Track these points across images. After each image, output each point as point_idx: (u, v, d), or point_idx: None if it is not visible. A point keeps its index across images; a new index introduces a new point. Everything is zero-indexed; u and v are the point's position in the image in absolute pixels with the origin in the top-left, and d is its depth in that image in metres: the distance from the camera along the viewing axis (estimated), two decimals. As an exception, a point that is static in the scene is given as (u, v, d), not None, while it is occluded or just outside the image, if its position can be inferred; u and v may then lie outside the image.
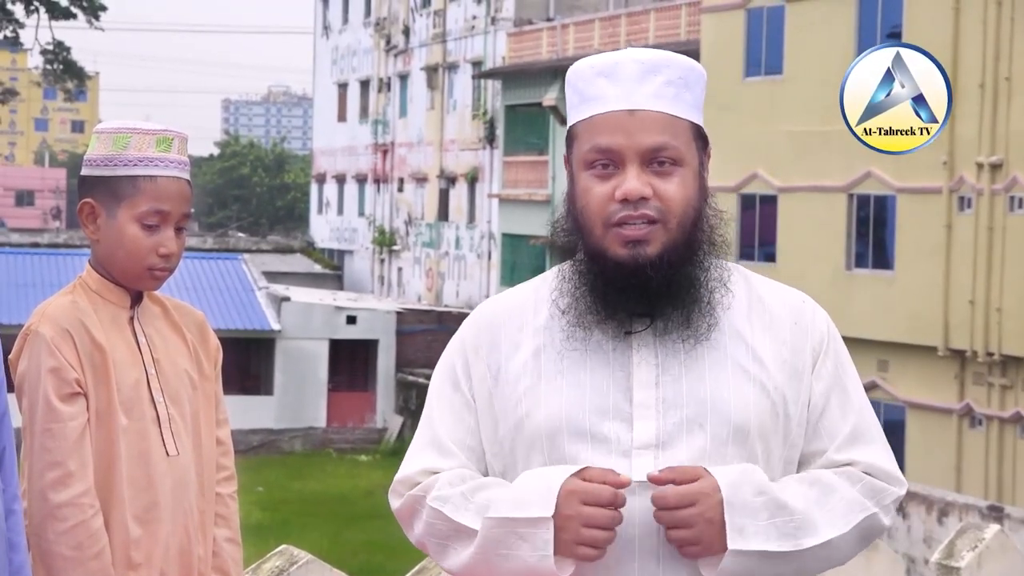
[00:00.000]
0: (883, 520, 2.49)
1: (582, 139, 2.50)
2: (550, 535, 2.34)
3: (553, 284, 2.54)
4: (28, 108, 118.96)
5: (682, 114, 2.51)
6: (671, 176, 2.45)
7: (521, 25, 40.59)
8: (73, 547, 2.95)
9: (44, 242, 50.40)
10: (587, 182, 2.47)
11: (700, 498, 2.35)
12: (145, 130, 3.13)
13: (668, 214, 2.44)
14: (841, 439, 2.51)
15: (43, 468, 2.97)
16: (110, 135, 3.13)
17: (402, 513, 2.54)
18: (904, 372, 24.01)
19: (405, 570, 4.07)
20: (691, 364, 2.46)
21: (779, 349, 2.51)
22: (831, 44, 24.87)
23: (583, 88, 2.53)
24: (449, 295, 44.38)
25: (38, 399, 3.00)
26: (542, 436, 2.45)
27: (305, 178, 72.62)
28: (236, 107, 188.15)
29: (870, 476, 2.49)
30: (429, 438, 2.55)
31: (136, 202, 3.10)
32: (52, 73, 41.04)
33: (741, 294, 2.54)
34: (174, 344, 3.21)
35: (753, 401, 2.46)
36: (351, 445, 35.12)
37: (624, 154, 2.44)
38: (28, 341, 3.05)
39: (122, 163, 3.11)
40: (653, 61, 2.52)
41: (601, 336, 2.47)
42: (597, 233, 2.44)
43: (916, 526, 20.40)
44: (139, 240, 3.11)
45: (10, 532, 2.58)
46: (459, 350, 2.58)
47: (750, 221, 26.86)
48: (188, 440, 3.16)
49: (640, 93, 2.48)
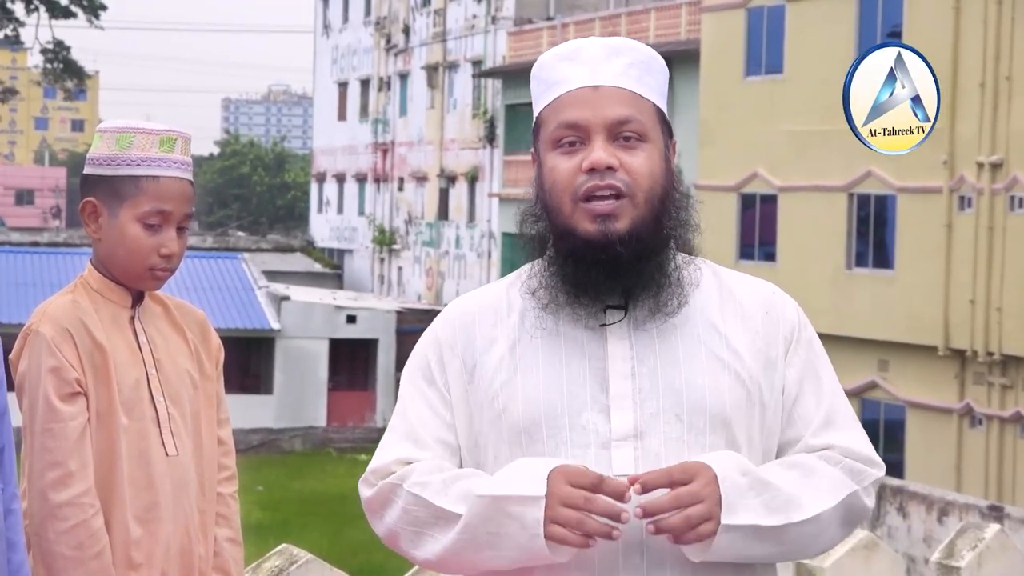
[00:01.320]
0: (865, 500, 2.50)
1: (548, 122, 2.51)
2: (541, 513, 2.33)
3: (525, 278, 2.55)
4: (28, 107, 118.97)
5: (646, 94, 2.52)
6: (636, 150, 2.47)
7: (521, 24, 40.61)
8: (74, 547, 2.95)
9: (44, 241, 50.37)
10: (554, 160, 2.48)
11: (703, 495, 2.35)
12: (148, 130, 3.13)
13: (635, 187, 2.44)
14: (816, 425, 2.52)
15: (43, 468, 2.97)
16: (113, 134, 3.13)
17: (373, 502, 2.52)
18: (904, 372, 24.01)
19: (405, 569, 4.07)
20: (666, 355, 2.47)
21: (752, 339, 2.52)
22: (831, 43, 24.87)
23: (547, 76, 2.55)
24: (449, 294, 44.38)
25: (38, 398, 2.99)
26: (520, 429, 2.45)
27: (305, 177, 72.64)
28: (236, 106, 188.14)
29: (848, 459, 2.50)
30: (403, 430, 2.54)
31: (138, 202, 3.10)
32: (52, 72, 41.06)
33: (712, 286, 2.55)
34: (175, 344, 3.21)
35: (728, 389, 2.47)
36: (351, 444, 35.12)
37: (590, 127, 2.46)
38: (28, 340, 3.05)
39: (125, 162, 3.11)
40: (615, 44, 2.54)
41: (576, 329, 2.48)
42: (566, 211, 2.45)
43: (916, 526, 20.40)
44: (141, 240, 3.10)
45: (9, 531, 2.59)
46: (433, 346, 2.58)
47: (750, 220, 26.86)
48: (188, 440, 3.16)
49: (604, 71, 2.50)
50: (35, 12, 39.71)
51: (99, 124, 3.25)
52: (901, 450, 23.70)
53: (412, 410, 2.55)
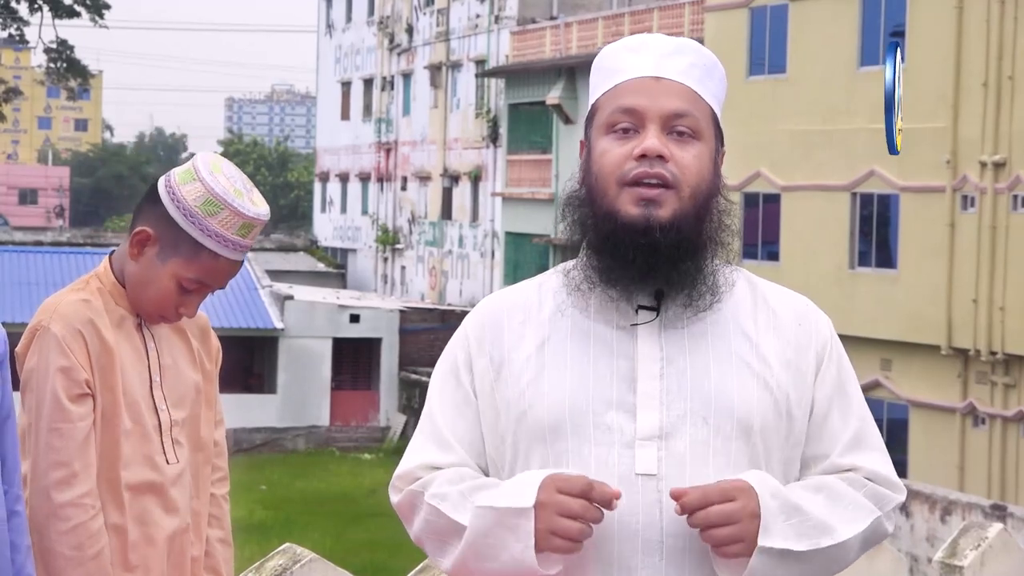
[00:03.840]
0: (886, 525, 2.51)
1: (604, 108, 2.52)
2: (531, 525, 2.34)
3: (557, 278, 2.55)
4: (32, 106, 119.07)
5: (704, 95, 2.53)
6: (689, 146, 2.47)
7: (524, 24, 40.60)
8: (74, 547, 2.96)
9: (47, 241, 50.42)
10: (606, 144, 2.48)
11: (742, 516, 2.35)
12: (237, 210, 3.09)
13: (682, 181, 2.44)
14: (843, 444, 2.52)
15: (48, 467, 2.96)
16: (205, 194, 3.08)
17: (402, 508, 2.54)
18: (907, 371, 24.01)
19: (408, 568, 4.08)
20: (696, 357, 2.47)
21: (783, 348, 2.52)
22: (834, 43, 24.87)
23: (609, 64, 2.56)
24: (452, 294, 44.39)
25: (46, 397, 2.98)
26: (544, 427, 2.45)
27: (308, 176, 72.66)
28: (240, 106, 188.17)
29: (872, 482, 2.50)
30: (429, 432, 2.56)
31: (190, 266, 3.09)
32: (56, 71, 41.03)
33: (746, 294, 2.56)
34: (179, 348, 3.21)
35: (757, 397, 2.46)
36: (354, 444, 35.14)
37: (646, 115, 2.46)
38: (38, 337, 3.02)
39: (200, 228, 3.08)
40: (681, 43, 2.56)
41: (606, 328, 2.48)
42: (611, 193, 2.45)
43: (919, 525, 20.40)
44: (170, 296, 3.11)
45: (12, 534, 2.58)
46: (462, 344, 2.59)
47: (753, 220, 26.85)
48: (187, 445, 3.17)
49: (667, 65, 2.51)
50: (39, 11, 39.70)
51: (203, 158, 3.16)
52: (904, 449, 23.70)
53: (439, 411, 2.56)
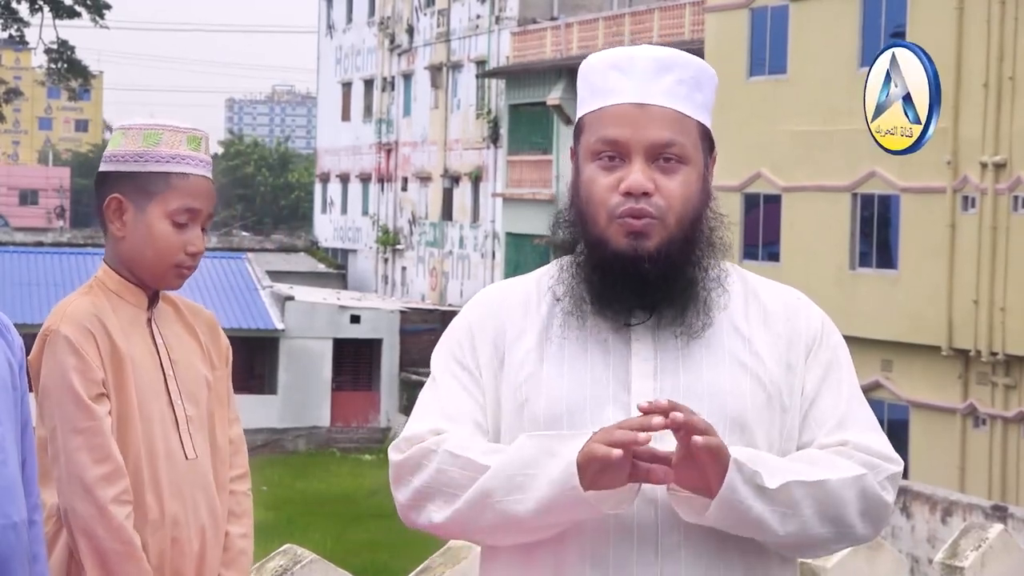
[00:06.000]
0: (881, 492, 2.46)
1: (590, 130, 2.52)
2: (582, 441, 2.33)
3: (554, 274, 2.57)
4: (32, 107, 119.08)
5: (692, 113, 2.52)
6: (675, 173, 2.48)
7: (525, 24, 40.59)
8: (125, 542, 2.96)
9: (48, 241, 50.44)
10: (592, 172, 2.50)
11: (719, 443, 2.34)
12: (176, 128, 3.12)
13: (668, 212, 2.46)
14: (830, 425, 2.52)
15: (88, 465, 2.94)
16: (140, 131, 3.11)
17: (403, 467, 2.50)
18: (908, 372, 24.01)
19: (409, 569, 4.08)
20: (688, 358, 2.49)
21: (775, 342, 2.54)
22: (835, 44, 24.87)
23: (594, 80, 2.55)
24: (453, 294, 44.39)
25: (66, 399, 2.96)
26: (540, 422, 2.47)
27: (309, 177, 72.66)
28: (240, 106, 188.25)
29: (862, 453, 2.48)
30: (437, 407, 2.55)
31: (168, 199, 3.08)
32: (56, 72, 41.02)
33: (738, 291, 2.58)
34: (189, 345, 3.20)
35: (749, 392, 2.48)
36: (355, 444, 35.15)
37: (631, 147, 2.47)
38: (49, 342, 3.01)
39: (154, 159, 3.08)
40: (667, 58, 2.54)
41: (601, 327, 2.50)
42: (601, 223, 2.47)
43: (920, 526, 20.40)
44: (169, 237, 3.09)
45: (31, 543, 2.55)
46: (465, 331, 2.59)
47: (754, 221, 26.86)
48: (204, 441, 3.16)
49: (652, 88, 2.50)
50: (39, 12, 39.70)
51: (118, 124, 3.23)
52: (905, 450, 23.70)
53: (444, 388, 2.56)
